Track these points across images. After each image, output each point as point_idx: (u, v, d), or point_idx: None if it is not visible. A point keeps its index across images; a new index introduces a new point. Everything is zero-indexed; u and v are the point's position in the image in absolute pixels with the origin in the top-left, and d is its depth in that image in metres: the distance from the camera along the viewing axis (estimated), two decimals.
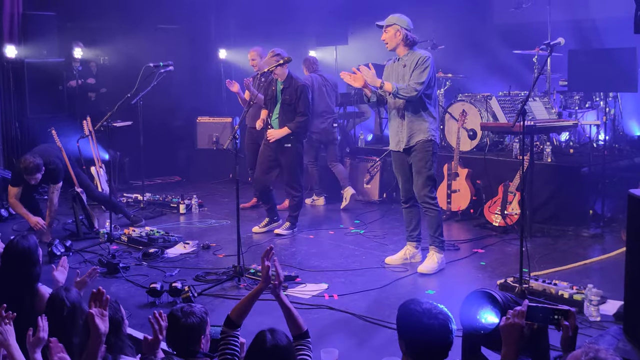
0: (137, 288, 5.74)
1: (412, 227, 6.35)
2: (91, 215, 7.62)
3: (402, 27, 5.95)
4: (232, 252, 6.26)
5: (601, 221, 7.36)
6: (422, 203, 6.09)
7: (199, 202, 8.90)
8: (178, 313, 3.30)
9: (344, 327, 4.90)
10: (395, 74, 6.07)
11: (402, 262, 6.32)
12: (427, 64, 5.84)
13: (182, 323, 3.26)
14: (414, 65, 5.88)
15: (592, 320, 4.75)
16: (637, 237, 3.98)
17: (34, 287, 4.11)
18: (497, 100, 8.68)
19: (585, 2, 9.95)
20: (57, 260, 5.47)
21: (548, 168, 7.76)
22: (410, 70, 5.88)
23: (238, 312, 3.43)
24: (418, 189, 6.06)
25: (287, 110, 7.28)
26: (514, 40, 10.15)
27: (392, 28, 5.96)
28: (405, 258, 6.35)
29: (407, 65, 5.96)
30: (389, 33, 5.98)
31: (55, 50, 10.18)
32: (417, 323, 2.75)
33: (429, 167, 5.99)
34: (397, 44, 5.98)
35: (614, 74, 7.41)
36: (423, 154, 5.98)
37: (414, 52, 5.98)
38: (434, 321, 2.73)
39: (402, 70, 6.00)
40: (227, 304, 5.28)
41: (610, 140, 8.68)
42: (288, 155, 7.37)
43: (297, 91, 7.24)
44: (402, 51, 6.01)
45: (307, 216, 8.33)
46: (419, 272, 6.03)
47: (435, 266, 6.08)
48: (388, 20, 6.02)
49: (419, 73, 5.83)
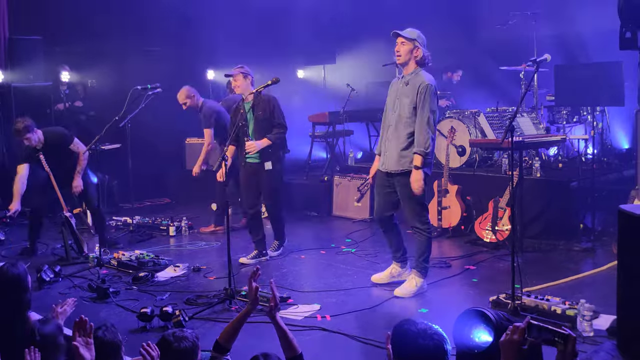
0: (128, 313, 5.68)
1: (395, 248, 6.20)
2: (80, 240, 7.56)
3: (421, 45, 5.75)
4: (223, 275, 6.22)
5: (592, 235, 7.37)
6: (412, 227, 5.97)
7: (189, 224, 8.85)
8: (170, 338, 3.26)
9: (337, 348, 4.87)
10: (395, 91, 5.90)
11: (389, 281, 6.18)
12: (428, 96, 5.61)
13: (174, 348, 3.22)
14: (416, 93, 5.65)
15: (586, 335, 4.74)
16: (628, 252, 3.97)
17: (24, 315, 4.05)
18: (485, 116, 8.71)
19: (570, 16, 10.04)
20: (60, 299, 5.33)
21: (537, 183, 7.78)
22: (414, 99, 5.66)
23: (226, 336, 3.40)
24: (408, 215, 5.94)
25: (264, 126, 6.97)
26: (501, 56, 10.23)
27: (412, 43, 5.73)
28: (392, 276, 6.20)
29: (409, 84, 5.74)
30: (406, 47, 5.74)
31: (42, 74, 10.17)
32: (412, 344, 2.72)
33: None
34: (410, 60, 5.76)
35: (601, 88, 7.44)
36: (408, 181, 5.77)
37: (418, 74, 5.75)
38: (428, 342, 2.70)
39: (403, 88, 5.80)
40: (218, 327, 5.22)
41: (599, 154, 8.73)
42: (269, 179, 7.08)
43: (269, 104, 6.96)
44: (410, 68, 5.79)
45: (298, 236, 8.28)
46: (395, 295, 5.89)
47: (413, 290, 5.91)
48: (410, 33, 5.75)
49: (422, 109, 5.61)
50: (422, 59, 5.77)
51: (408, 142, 5.75)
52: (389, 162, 5.89)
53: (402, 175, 5.81)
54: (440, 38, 10.95)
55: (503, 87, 10.36)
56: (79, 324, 3.06)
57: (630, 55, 5.53)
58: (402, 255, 6.19)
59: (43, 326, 3.42)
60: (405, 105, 5.75)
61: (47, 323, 3.48)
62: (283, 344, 3.37)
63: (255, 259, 7.22)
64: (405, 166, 5.77)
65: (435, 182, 8.06)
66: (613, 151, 9.30)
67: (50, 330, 3.43)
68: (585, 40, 9.75)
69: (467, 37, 11.66)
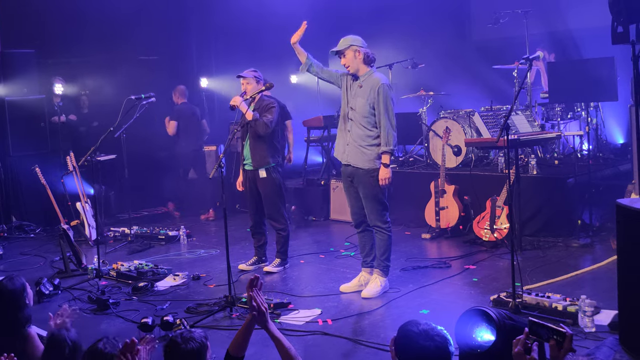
0: (128, 323, 5.66)
1: (366, 252, 6.23)
2: (79, 252, 7.53)
3: (359, 46, 5.86)
4: (223, 282, 6.21)
5: (590, 231, 7.38)
6: (373, 227, 6.04)
7: (187, 232, 8.83)
8: (178, 339, 3.25)
9: (340, 352, 4.85)
10: (350, 88, 5.98)
11: (357, 289, 6.14)
12: (387, 95, 5.78)
13: (182, 349, 3.21)
14: (373, 94, 5.79)
15: (587, 331, 4.73)
16: (627, 246, 3.98)
17: (25, 331, 4.02)
18: (480, 115, 8.72)
19: (561, 14, 10.08)
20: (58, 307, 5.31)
21: (534, 180, 7.79)
22: (370, 100, 5.79)
23: (235, 346, 3.37)
24: (369, 214, 6.01)
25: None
26: (493, 55, 10.26)
27: (350, 50, 5.85)
28: (361, 284, 6.17)
29: (363, 87, 5.87)
30: (348, 56, 5.87)
31: (35, 87, 10.16)
32: (415, 345, 2.71)
33: (380, 190, 5.91)
34: (359, 65, 5.88)
35: (594, 84, 7.47)
36: (369, 179, 5.89)
37: (372, 75, 5.89)
38: (430, 343, 2.69)
39: (357, 90, 5.91)
40: (220, 335, 5.22)
41: (594, 149, 8.74)
42: (265, 186, 6.97)
43: (267, 106, 6.87)
44: (362, 71, 5.91)
45: (297, 241, 8.27)
46: (363, 297, 5.94)
47: (378, 289, 5.98)
48: (343, 44, 5.89)
49: (385, 111, 5.78)
50: (367, 58, 5.89)
51: (367, 141, 5.88)
52: (351, 156, 5.97)
53: (365, 174, 5.90)
54: (433, 38, 11.03)
55: (497, 86, 10.39)
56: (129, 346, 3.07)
57: (622, 49, 5.53)
58: (372, 261, 6.20)
59: (69, 333, 3.48)
60: (361, 105, 5.86)
61: (69, 330, 3.52)
62: (279, 352, 3.32)
63: (255, 265, 7.19)
64: (366, 165, 5.89)
65: (432, 182, 8.07)
66: (608, 146, 9.31)
67: (75, 336, 3.48)
68: (576, 37, 9.79)
69: (460, 37, 11.70)
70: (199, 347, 3.22)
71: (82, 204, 8.75)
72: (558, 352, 2.61)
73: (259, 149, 6.91)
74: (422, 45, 10.53)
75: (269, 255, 7.28)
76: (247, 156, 7.01)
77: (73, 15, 10.55)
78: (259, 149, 6.91)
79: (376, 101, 5.79)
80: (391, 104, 5.83)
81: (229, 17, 11.82)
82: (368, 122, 5.85)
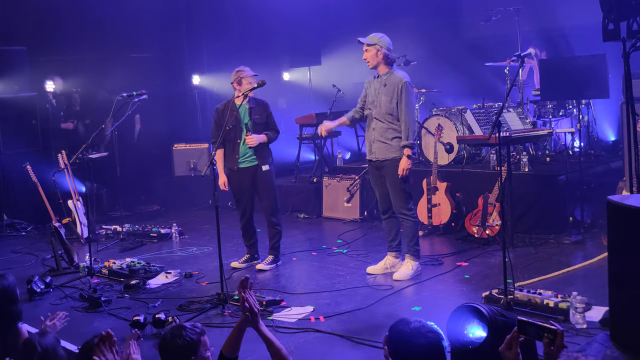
0: (120, 321, 5.64)
1: (392, 237, 6.59)
2: (70, 250, 7.51)
3: (383, 47, 6.21)
4: (215, 279, 6.20)
5: (581, 227, 7.40)
6: (399, 214, 6.36)
7: (179, 230, 8.82)
8: (167, 335, 3.25)
9: (333, 349, 4.85)
10: (373, 90, 6.38)
11: (383, 272, 6.55)
12: (409, 92, 6.20)
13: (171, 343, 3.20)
14: (396, 92, 6.20)
15: (579, 327, 4.75)
16: (618, 243, 3.99)
17: (16, 327, 4.01)
18: (472, 112, 8.73)
19: (553, 11, 10.09)
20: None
21: (526, 177, 7.81)
22: (394, 96, 6.21)
23: (228, 347, 3.36)
24: (394, 202, 6.33)
25: (259, 130, 6.95)
26: (485, 52, 10.27)
27: (374, 48, 6.23)
28: (386, 267, 6.57)
29: (387, 85, 6.26)
30: (370, 52, 6.25)
31: (27, 85, 10.12)
32: (407, 343, 2.71)
33: (403, 180, 6.23)
34: (378, 62, 6.26)
35: (586, 81, 7.48)
36: (394, 169, 6.23)
37: (394, 73, 6.29)
38: (423, 340, 2.69)
39: (381, 88, 6.30)
40: (212, 332, 5.20)
41: (586, 146, 8.78)
42: (267, 180, 7.00)
43: (266, 109, 7.03)
44: (382, 70, 6.31)
45: (289, 238, 8.26)
46: (395, 279, 6.29)
47: (410, 272, 6.34)
48: (370, 39, 6.26)
49: (407, 107, 6.18)
50: (387, 59, 6.28)
51: (391, 135, 6.29)
52: (378, 152, 6.37)
53: (390, 164, 6.27)
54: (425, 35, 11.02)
55: (489, 83, 10.40)
56: (104, 339, 3.05)
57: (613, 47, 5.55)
58: (398, 245, 6.59)
59: (42, 338, 3.39)
60: (385, 102, 6.27)
61: (45, 335, 3.45)
62: (270, 353, 3.32)
63: (247, 263, 7.19)
64: (391, 155, 6.28)
65: (424, 179, 8.07)
66: (600, 143, 9.34)
67: (49, 342, 3.40)
68: (568, 34, 9.80)
69: (452, 34, 11.71)
70: (188, 343, 3.21)
71: (73, 201, 8.73)
72: (551, 349, 2.63)
73: (263, 145, 7.02)
74: (414, 43, 10.51)
75: (260, 253, 7.26)
76: (244, 154, 6.99)
77: (65, 13, 10.52)
78: (264, 145, 7.03)
79: (399, 98, 6.20)
80: (413, 100, 6.32)
81: (221, 14, 11.80)
82: (392, 117, 6.25)
